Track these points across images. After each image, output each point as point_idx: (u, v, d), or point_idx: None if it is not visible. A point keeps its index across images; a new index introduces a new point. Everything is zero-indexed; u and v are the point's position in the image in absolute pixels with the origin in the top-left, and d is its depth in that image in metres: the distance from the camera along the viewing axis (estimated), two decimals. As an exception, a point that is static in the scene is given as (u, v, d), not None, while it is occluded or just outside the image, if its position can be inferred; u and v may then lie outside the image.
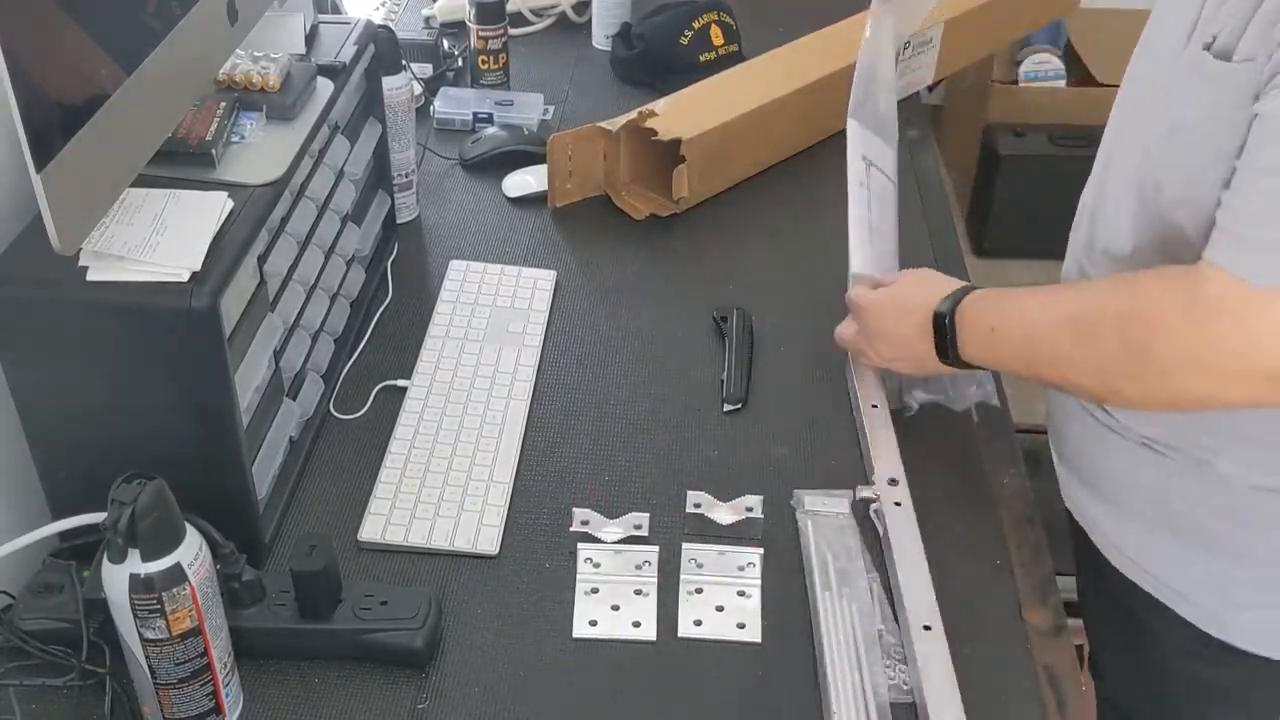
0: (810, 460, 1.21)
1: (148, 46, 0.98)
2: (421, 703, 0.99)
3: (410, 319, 1.38)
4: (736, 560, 1.10)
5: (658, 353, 1.36)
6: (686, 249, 1.53)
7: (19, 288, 0.96)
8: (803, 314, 1.39)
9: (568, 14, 2.07)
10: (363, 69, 1.36)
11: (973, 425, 1.26)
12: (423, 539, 1.11)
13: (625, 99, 1.87)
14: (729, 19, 1.91)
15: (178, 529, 0.87)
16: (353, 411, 1.26)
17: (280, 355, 1.14)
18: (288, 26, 1.28)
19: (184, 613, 0.87)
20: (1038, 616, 1.06)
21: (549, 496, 1.17)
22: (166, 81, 1.01)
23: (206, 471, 1.02)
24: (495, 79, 1.84)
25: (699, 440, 1.24)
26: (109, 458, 0.91)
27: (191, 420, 1.00)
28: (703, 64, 1.87)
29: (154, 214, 1.00)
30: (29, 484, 1.04)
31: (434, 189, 1.62)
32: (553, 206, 1.57)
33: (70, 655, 0.97)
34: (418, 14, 1.91)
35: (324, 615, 0.99)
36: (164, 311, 0.94)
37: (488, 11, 1.79)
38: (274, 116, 1.15)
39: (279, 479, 1.14)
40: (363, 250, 1.40)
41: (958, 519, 1.15)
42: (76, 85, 0.90)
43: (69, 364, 0.98)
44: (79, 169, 0.88)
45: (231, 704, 0.95)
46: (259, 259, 1.08)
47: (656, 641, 1.04)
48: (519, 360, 1.32)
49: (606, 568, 1.09)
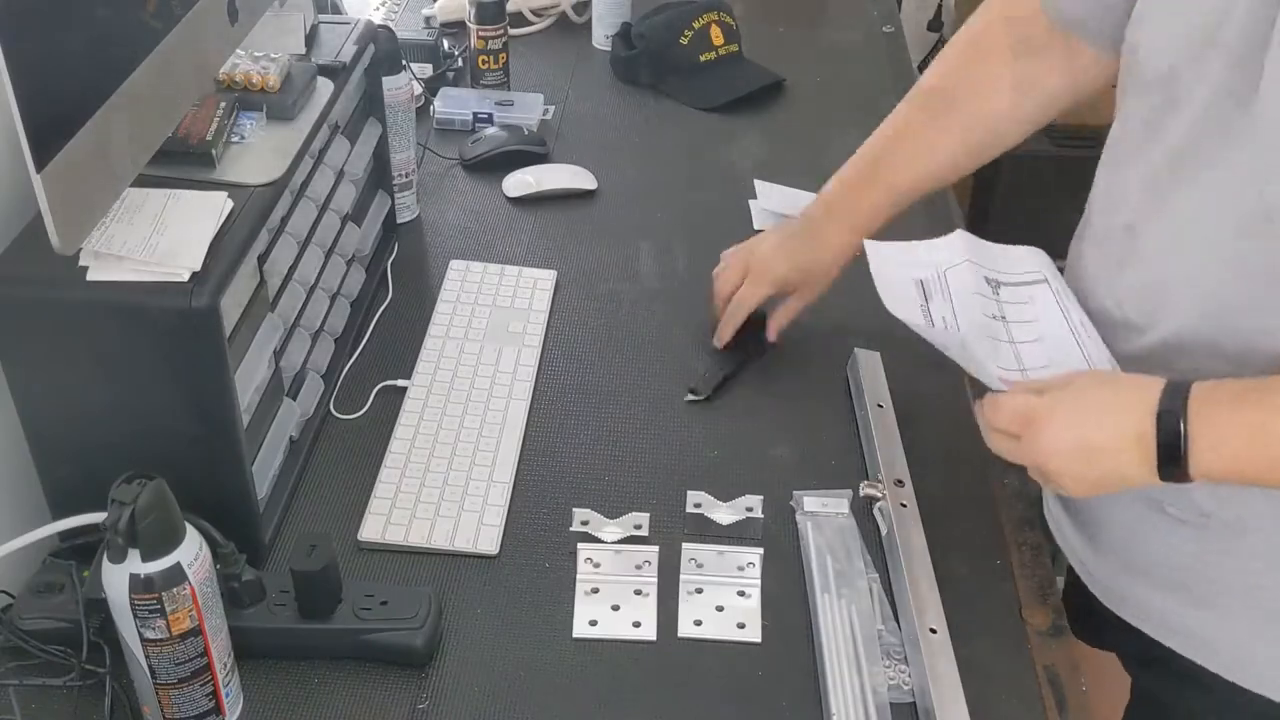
0: (810, 460, 1.21)
1: (148, 46, 0.98)
2: (421, 703, 0.99)
3: (410, 319, 1.38)
4: (736, 560, 1.10)
5: (658, 353, 1.36)
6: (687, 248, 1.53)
7: (19, 288, 0.96)
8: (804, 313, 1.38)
9: (568, 14, 2.07)
10: (363, 69, 1.36)
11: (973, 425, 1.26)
12: (423, 539, 1.11)
13: (625, 99, 1.87)
14: (729, 19, 1.91)
15: (178, 529, 0.87)
16: (353, 411, 1.26)
17: (280, 355, 1.14)
18: (288, 26, 1.28)
19: (184, 613, 0.87)
20: (1038, 616, 1.06)
21: (549, 496, 1.17)
22: (166, 81, 1.01)
23: (206, 471, 1.02)
24: (495, 79, 1.84)
25: (699, 440, 1.24)
26: (109, 458, 0.91)
27: (191, 420, 1.00)
28: (703, 64, 1.87)
29: (154, 214, 1.00)
30: (29, 484, 1.04)
31: (434, 189, 1.62)
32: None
33: (70, 655, 0.97)
34: (418, 14, 1.91)
35: (324, 615, 0.99)
36: (164, 311, 0.94)
37: (488, 11, 1.79)
38: (274, 116, 1.16)
39: (279, 479, 1.14)
40: (363, 250, 1.40)
41: (958, 519, 1.14)
42: (76, 85, 0.90)
43: (69, 364, 0.98)
44: (79, 169, 0.88)
45: (231, 704, 0.95)
46: (259, 259, 1.08)
47: (656, 641, 1.04)
48: (519, 360, 1.32)
49: (606, 568, 1.09)
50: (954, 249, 1.15)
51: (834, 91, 1.90)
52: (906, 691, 0.99)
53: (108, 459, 0.90)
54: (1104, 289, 1.05)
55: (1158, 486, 0.92)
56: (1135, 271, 1.01)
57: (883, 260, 1.14)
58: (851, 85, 1.92)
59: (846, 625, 1.03)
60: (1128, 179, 1.03)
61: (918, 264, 1.14)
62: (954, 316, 1.08)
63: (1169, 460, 0.89)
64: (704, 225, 1.58)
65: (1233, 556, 1.01)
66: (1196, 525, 1.01)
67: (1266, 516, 0.98)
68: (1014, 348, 1.08)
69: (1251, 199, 0.90)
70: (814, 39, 2.07)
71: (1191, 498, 1.00)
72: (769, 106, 1.85)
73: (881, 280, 1.10)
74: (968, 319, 1.08)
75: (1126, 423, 0.91)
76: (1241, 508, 0.98)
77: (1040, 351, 1.06)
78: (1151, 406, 0.90)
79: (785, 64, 1.92)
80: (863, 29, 2.11)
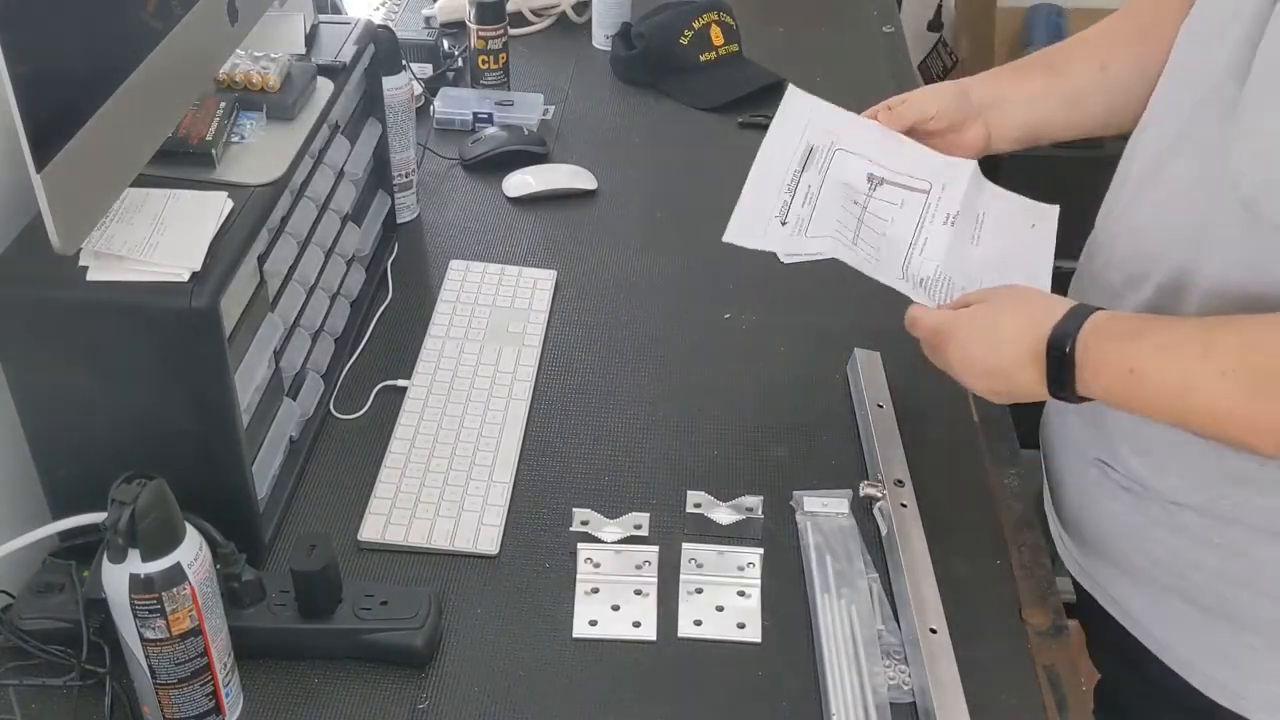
0: (810, 460, 1.21)
1: (148, 46, 0.98)
2: (421, 703, 0.99)
3: (410, 319, 1.38)
4: (736, 560, 1.10)
5: (658, 352, 1.36)
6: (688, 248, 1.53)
7: (19, 288, 0.96)
8: (804, 313, 1.39)
9: (568, 14, 2.07)
10: (363, 69, 1.36)
11: (973, 425, 1.26)
12: (423, 539, 1.11)
13: (625, 99, 1.87)
14: (729, 19, 1.91)
15: (178, 529, 0.87)
16: (353, 411, 1.26)
17: (280, 355, 1.14)
18: (288, 26, 1.28)
19: (184, 613, 0.87)
20: (1038, 616, 1.06)
21: (549, 496, 1.17)
22: (166, 81, 1.01)
23: (206, 471, 1.02)
24: (495, 79, 1.84)
25: (699, 440, 1.24)
26: (109, 457, 0.91)
27: (191, 420, 1.00)
28: (703, 64, 1.87)
29: (154, 214, 1.00)
30: (29, 484, 1.04)
31: (434, 189, 1.62)
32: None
33: (70, 655, 0.97)
34: (418, 14, 1.91)
35: (324, 615, 0.99)
36: (164, 311, 0.94)
37: (488, 11, 1.79)
38: (274, 116, 1.16)
39: (279, 479, 1.14)
40: (363, 250, 1.40)
41: (958, 519, 1.14)
42: (76, 85, 0.90)
43: (69, 364, 0.98)
44: (79, 169, 0.88)
45: (231, 704, 0.95)
46: (259, 259, 1.08)
47: (656, 641, 1.04)
48: (519, 360, 1.32)
49: (606, 568, 1.09)
50: (868, 138, 1.17)
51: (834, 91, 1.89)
52: (906, 691, 0.99)
53: (108, 459, 0.90)
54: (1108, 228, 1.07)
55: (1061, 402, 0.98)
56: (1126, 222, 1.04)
57: (795, 108, 1.21)
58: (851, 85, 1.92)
59: (846, 625, 1.03)
60: (1142, 135, 1.05)
61: (823, 129, 1.19)
62: (818, 190, 1.15)
63: (1056, 381, 0.95)
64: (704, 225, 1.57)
65: (1168, 533, 1.02)
66: (1135, 494, 1.03)
67: (1198, 493, 0.99)
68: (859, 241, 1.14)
69: (1229, 186, 0.91)
70: (814, 39, 2.07)
71: (1129, 465, 1.03)
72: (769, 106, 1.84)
73: (777, 128, 1.18)
74: (828, 199, 1.14)
75: (1024, 342, 0.97)
76: (1177, 479, 1.00)
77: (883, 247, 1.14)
78: (1049, 328, 0.95)
79: (785, 64, 1.91)
80: (863, 29, 2.11)
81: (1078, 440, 1.11)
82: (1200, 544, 1.00)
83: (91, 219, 0.95)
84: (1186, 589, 1.03)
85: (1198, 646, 1.04)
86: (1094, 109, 1.16)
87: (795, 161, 1.16)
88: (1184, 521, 1.01)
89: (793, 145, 1.17)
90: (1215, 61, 0.94)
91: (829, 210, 1.14)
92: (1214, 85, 0.94)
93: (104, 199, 0.97)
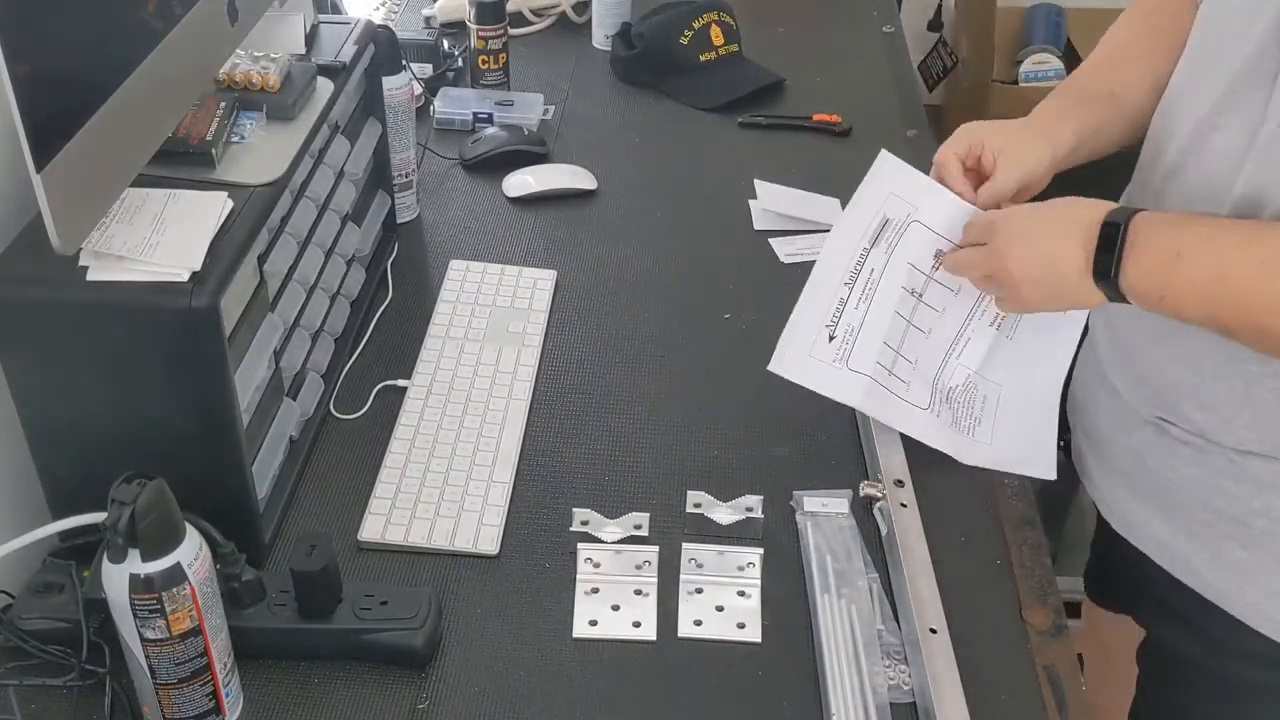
0: (810, 460, 1.21)
1: (148, 46, 0.98)
2: (421, 703, 0.99)
3: (410, 319, 1.38)
4: (736, 560, 1.10)
5: (658, 352, 1.36)
6: (688, 248, 1.53)
7: (19, 288, 0.96)
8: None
9: (568, 14, 2.07)
10: (363, 69, 1.36)
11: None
12: (423, 539, 1.11)
13: (625, 99, 1.87)
14: (729, 19, 1.91)
15: (178, 529, 0.87)
16: (353, 411, 1.26)
17: (280, 355, 1.14)
18: (288, 26, 1.28)
19: (184, 613, 0.87)
20: (1038, 616, 1.06)
21: (549, 496, 1.17)
22: (166, 81, 1.01)
23: (206, 471, 1.02)
24: (495, 79, 1.84)
25: (699, 440, 1.24)
26: (109, 458, 0.91)
27: (191, 420, 1.00)
28: (703, 64, 1.87)
29: (154, 214, 1.00)
30: (29, 484, 1.04)
31: (434, 189, 1.62)
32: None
33: (70, 655, 0.97)
34: (418, 14, 1.91)
35: (324, 615, 0.99)
36: (164, 311, 0.94)
37: (488, 11, 1.79)
38: (274, 116, 1.16)
39: (279, 479, 1.14)
40: (363, 250, 1.40)
41: (958, 519, 1.15)
42: (76, 85, 0.90)
43: (69, 364, 0.98)
44: (79, 169, 0.88)
45: (231, 704, 0.95)
46: (259, 259, 1.08)
47: (656, 641, 1.04)
48: (519, 360, 1.32)
49: (606, 568, 1.09)
50: (947, 214, 1.16)
51: (834, 91, 1.90)
52: (906, 691, 0.99)
53: (108, 459, 0.90)
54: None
55: (1096, 306, 1.03)
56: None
57: (882, 176, 1.18)
58: (851, 85, 1.92)
59: (846, 625, 1.03)
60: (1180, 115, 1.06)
61: (904, 199, 1.18)
62: (880, 276, 1.17)
63: (1101, 263, 0.98)
64: (704, 225, 1.58)
65: (1233, 483, 1.04)
66: (1196, 447, 1.06)
67: (1266, 440, 1.02)
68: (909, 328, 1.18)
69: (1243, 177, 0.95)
70: (814, 39, 2.07)
71: (1192, 420, 1.05)
72: (769, 106, 1.85)
73: (860, 200, 1.17)
74: (884, 297, 1.17)
75: (1078, 222, 1.00)
76: (1245, 429, 1.02)
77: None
78: (1104, 211, 0.99)
79: (785, 64, 1.92)
80: (863, 29, 2.11)
81: (1130, 401, 1.13)
82: (1266, 490, 1.03)
83: (91, 219, 0.95)
84: (1248, 537, 1.05)
85: (1262, 591, 1.07)
86: (1146, 121, 1.16)
87: (866, 239, 1.17)
88: (1250, 469, 1.03)
89: (867, 219, 1.18)
90: (1252, 33, 0.96)
91: (880, 318, 1.17)
92: (1254, 53, 0.95)
93: (104, 199, 0.97)
